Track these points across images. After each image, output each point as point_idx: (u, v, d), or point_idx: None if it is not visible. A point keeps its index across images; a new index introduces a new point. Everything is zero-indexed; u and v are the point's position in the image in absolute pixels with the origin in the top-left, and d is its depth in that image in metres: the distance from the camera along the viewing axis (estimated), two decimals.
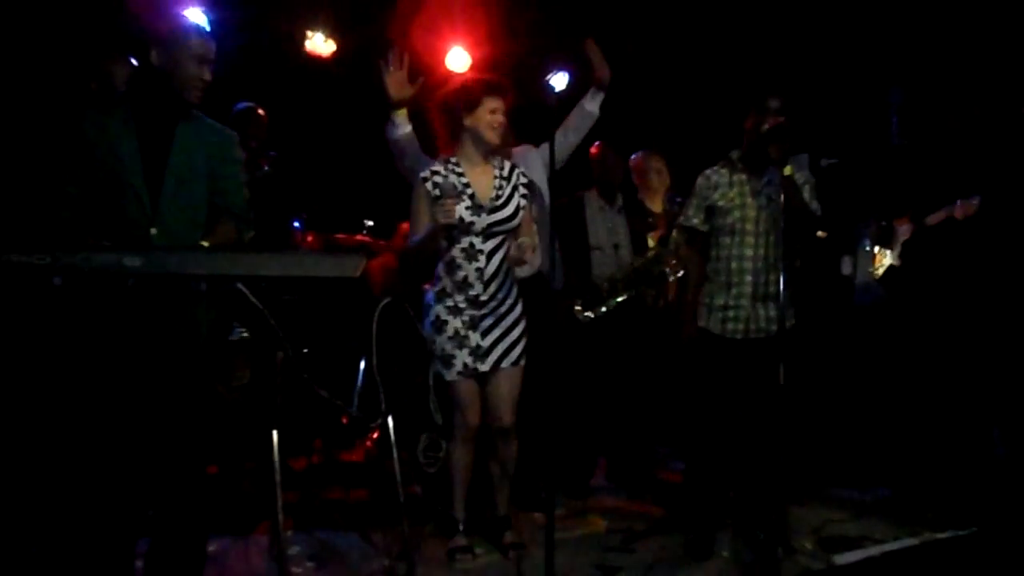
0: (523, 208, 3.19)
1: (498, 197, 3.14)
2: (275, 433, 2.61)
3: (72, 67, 3.22)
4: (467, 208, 3.07)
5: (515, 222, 3.16)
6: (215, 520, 2.86)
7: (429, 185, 3.08)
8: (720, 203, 3.27)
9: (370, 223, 5.07)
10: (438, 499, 3.51)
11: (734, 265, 3.25)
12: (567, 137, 3.65)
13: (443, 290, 3.14)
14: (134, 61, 3.11)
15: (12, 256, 1.91)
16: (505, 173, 3.21)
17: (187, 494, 2.42)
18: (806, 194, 3.24)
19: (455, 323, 3.10)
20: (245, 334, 3.34)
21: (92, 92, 3.09)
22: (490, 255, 3.12)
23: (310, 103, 5.38)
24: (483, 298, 3.11)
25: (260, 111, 4.52)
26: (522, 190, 3.21)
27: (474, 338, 3.11)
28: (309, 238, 4.67)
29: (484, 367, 3.12)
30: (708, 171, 3.37)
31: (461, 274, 3.10)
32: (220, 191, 2.54)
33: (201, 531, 2.51)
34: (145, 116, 2.43)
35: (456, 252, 3.10)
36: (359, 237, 4.95)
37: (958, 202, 3.76)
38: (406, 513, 3.10)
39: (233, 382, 3.50)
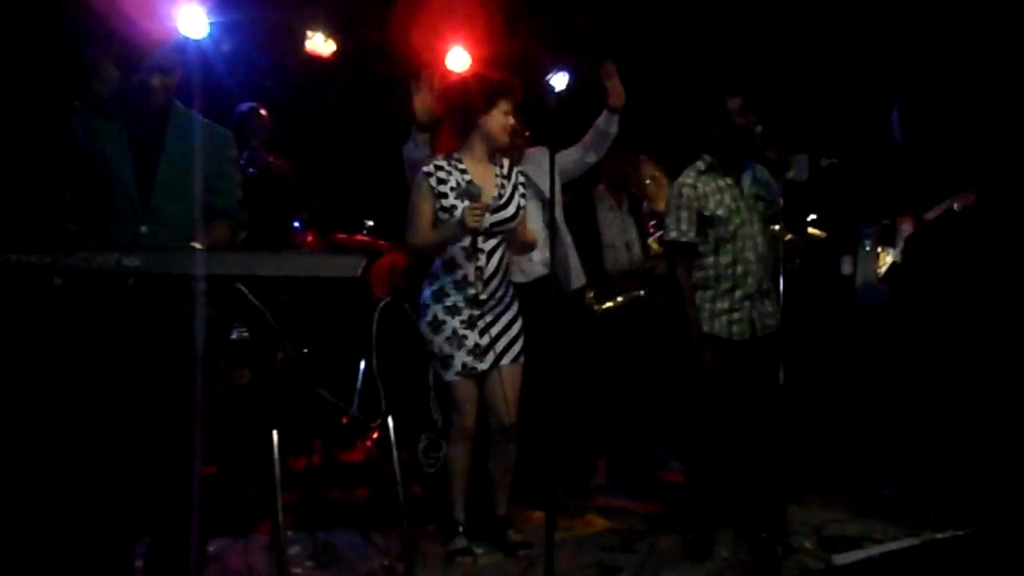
0: (522, 208, 3.19)
1: (500, 196, 3.14)
2: (275, 433, 2.61)
3: (60, 70, 3.22)
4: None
5: (515, 222, 3.16)
6: (215, 520, 2.87)
7: (433, 181, 3.08)
8: (719, 212, 3.20)
9: (370, 223, 5.07)
10: (438, 499, 3.51)
11: (740, 269, 3.22)
12: (587, 156, 3.67)
13: (441, 289, 3.13)
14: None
15: (12, 256, 1.91)
16: (505, 172, 3.21)
17: (186, 494, 2.42)
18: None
19: (453, 323, 3.10)
20: (245, 334, 3.34)
21: (87, 94, 3.10)
22: (490, 254, 3.11)
23: (310, 103, 5.38)
24: (482, 297, 3.11)
25: (263, 111, 4.53)
26: (521, 189, 3.21)
27: (472, 337, 3.11)
28: (309, 238, 4.67)
29: (483, 365, 3.11)
30: (688, 180, 3.23)
31: (461, 273, 3.10)
32: (214, 190, 2.55)
33: (201, 531, 2.51)
34: (135, 116, 2.44)
35: (455, 251, 3.09)
36: (359, 237, 4.95)
37: (957, 195, 3.77)
38: (406, 513, 3.09)
39: (233, 382, 3.50)
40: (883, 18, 4.71)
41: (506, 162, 3.24)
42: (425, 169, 3.10)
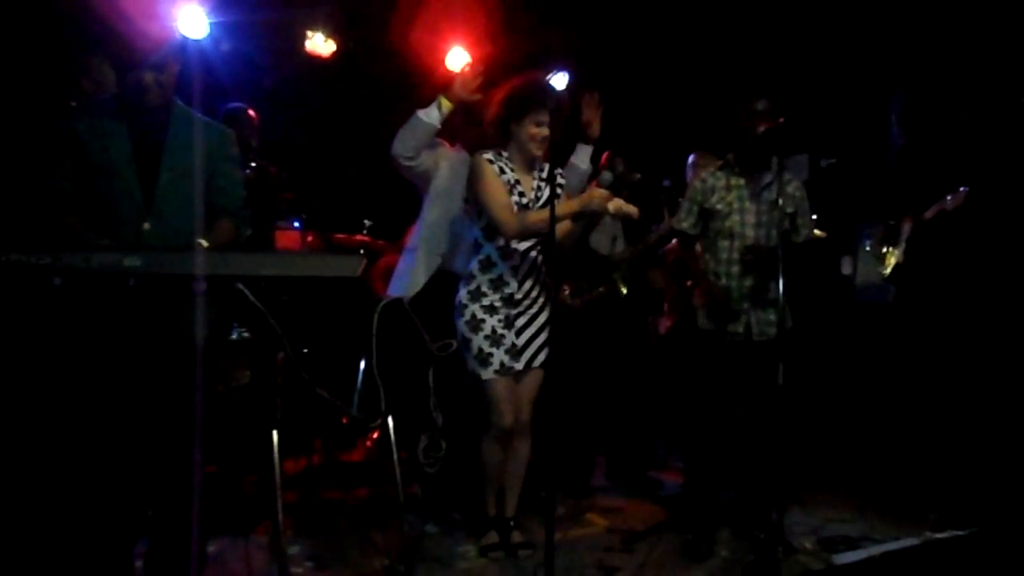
0: None
1: (537, 199, 3.18)
2: (275, 433, 2.61)
3: (63, 69, 3.23)
4: (515, 204, 3.11)
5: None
6: (215, 520, 2.87)
7: (496, 168, 3.12)
8: (718, 206, 3.29)
9: (370, 223, 5.06)
10: (439, 499, 3.51)
11: (735, 269, 3.26)
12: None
13: (478, 288, 3.16)
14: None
15: (12, 256, 1.91)
16: (545, 175, 3.24)
17: (186, 495, 2.42)
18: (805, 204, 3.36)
19: (492, 321, 3.13)
20: (245, 334, 3.34)
21: (84, 94, 3.11)
22: (524, 254, 3.16)
23: (310, 103, 5.38)
24: (517, 296, 3.16)
25: (251, 112, 4.51)
26: (559, 192, 3.21)
27: (509, 337, 3.14)
28: (309, 238, 4.66)
29: (519, 365, 3.15)
30: (704, 174, 3.41)
31: (496, 272, 3.14)
32: (216, 189, 2.56)
33: (201, 531, 2.51)
34: (136, 115, 2.45)
35: (491, 250, 3.14)
36: (359, 237, 4.94)
37: (948, 195, 3.80)
38: (406, 513, 3.10)
39: (233, 382, 3.50)
40: (883, 18, 4.71)
41: (547, 165, 3.26)
42: (487, 156, 3.13)
